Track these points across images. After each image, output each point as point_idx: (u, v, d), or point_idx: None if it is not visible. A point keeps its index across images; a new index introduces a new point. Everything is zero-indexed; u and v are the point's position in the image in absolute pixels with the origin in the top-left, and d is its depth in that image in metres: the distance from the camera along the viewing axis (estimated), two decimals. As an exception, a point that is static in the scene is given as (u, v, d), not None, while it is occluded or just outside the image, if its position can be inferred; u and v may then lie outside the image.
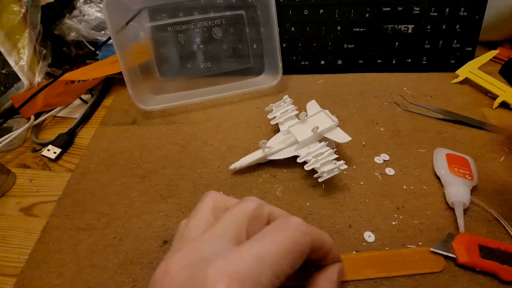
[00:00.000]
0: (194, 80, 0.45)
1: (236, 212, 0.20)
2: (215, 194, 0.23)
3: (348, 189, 0.33)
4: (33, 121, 0.42)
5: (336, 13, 0.47)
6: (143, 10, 0.42)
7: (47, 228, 0.31)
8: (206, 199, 0.22)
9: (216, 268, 0.17)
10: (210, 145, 0.39)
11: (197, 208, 0.22)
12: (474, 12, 0.46)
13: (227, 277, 0.16)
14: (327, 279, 0.22)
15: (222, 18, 0.44)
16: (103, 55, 0.51)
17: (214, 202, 0.22)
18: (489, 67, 0.49)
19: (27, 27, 0.45)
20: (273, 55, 0.44)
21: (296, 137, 0.34)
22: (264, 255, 0.18)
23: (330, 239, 0.22)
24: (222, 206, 0.22)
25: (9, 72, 0.44)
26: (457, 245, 0.27)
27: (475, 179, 0.32)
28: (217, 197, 0.23)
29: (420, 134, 0.39)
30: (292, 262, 0.19)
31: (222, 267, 0.17)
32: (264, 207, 0.21)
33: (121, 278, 0.27)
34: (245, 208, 0.21)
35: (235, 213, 0.20)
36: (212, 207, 0.22)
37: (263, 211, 0.21)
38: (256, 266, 0.17)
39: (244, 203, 0.21)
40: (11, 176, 0.36)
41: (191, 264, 0.18)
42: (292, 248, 0.19)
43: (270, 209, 0.22)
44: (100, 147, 0.39)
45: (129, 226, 0.31)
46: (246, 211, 0.20)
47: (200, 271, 0.17)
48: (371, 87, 0.46)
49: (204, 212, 0.22)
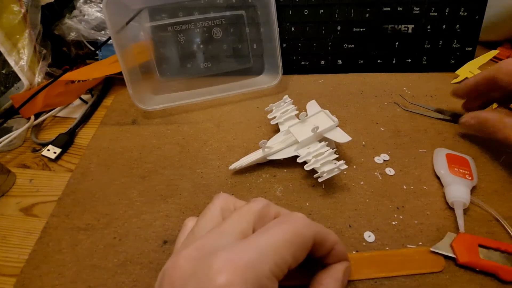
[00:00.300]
0: (194, 80, 0.45)
1: (243, 211, 0.21)
2: (225, 196, 0.24)
3: (348, 189, 0.33)
4: (33, 121, 0.42)
5: (336, 13, 0.47)
6: (143, 10, 0.42)
7: (47, 228, 0.31)
8: (216, 200, 0.23)
9: (219, 258, 0.17)
10: (210, 145, 0.39)
11: (207, 208, 0.23)
12: (474, 12, 0.46)
13: (229, 266, 0.17)
14: (332, 277, 0.22)
15: (222, 18, 0.44)
16: (103, 55, 0.51)
17: (223, 203, 0.23)
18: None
19: (27, 27, 0.45)
20: (273, 55, 0.44)
21: (296, 137, 0.34)
22: (266, 246, 0.18)
23: (335, 236, 0.22)
24: (230, 207, 0.23)
25: (9, 72, 0.44)
26: (457, 245, 0.27)
27: (475, 179, 0.32)
28: (226, 199, 0.23)
29: (420, 134, 0.39)
30: (294, 253, 0.19)
31: (225, 258, 0.17)
32: (270, 207, 0.22)
33: (121, 278, 0.27)
34: (252, 207, 0.21)
35: (242, 212, 0.21)
36: (221, 208, 0.23)
37: (270, 211, 0.22)
38: (258, 257, 0.18)
39: (251, 203, 0.22)
40: (11, 176, 0.36)
41: (198, 257, 0.18)
42: (294, 239, 0.19)
43: (277, 209, 0.22)
44: (100, 147, 0.39)
45: (129, 226, 0.31)
46: (253, 211, 0.21)
47: (205, 262, 0.18)
48: (371, 87, 0.46)
49: (213, 212, 0.22)
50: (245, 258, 0.17)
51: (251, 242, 0.19)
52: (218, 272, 0.17)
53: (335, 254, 0.22)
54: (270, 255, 0.18)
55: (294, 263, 0.19)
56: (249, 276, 0.17)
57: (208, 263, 0.17)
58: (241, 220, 0.20)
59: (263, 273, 0.17)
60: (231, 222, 0.20)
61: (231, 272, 0.17)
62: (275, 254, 0.18)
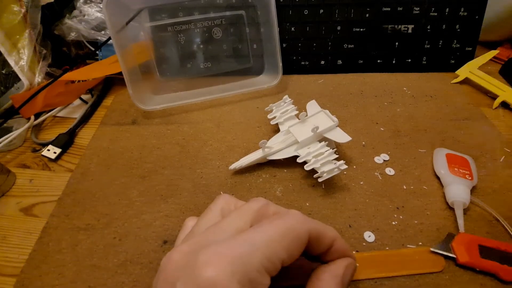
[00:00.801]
0: (194, 80, 0.45)
1: (242, 210, 0.21)
2: (226, 197, 0.24)
3: (348, 189, 0.33)
4: (33, 121, 0.42)
5: (336, 13, 0.47)
6: (143, 10, 0.42)
7: (47, 228, 0.31)
8: (217, 200, 0.23)
9: (208, 252, 0.17)
10: (210, 145, 0.39)
11: (207, 208, 0.23)
12: (474, 12, 0.46)
13: (217, 259, 0.17)
14: (331, 273, 0.21)
15: (222, 18, 0.44)
16: (103, 55, 0.51)
17: (224, 204, 0.23)
18: (489, 67, 0.49)
19: (27, 27, 0.45)
20: (273, 55, 0.44)
21: (296, 137, 0.34)
22: (257, 240, 0.18)
23: (334, 231, 0.21)
24: (231, 207, 0.23)
25: (9, 72, 0.44)
26: (457, 245, 0.27)
27: (475, 179, 0.32)
28: (227, 200, 0.23)
29: (420, 134, 0.39)
30: (287, 248, 0.19)
31: (214, 251, 0.17)
32: (269, 206, 0.22)
33: (121, 278, 0.27)
34: (250, 206, 0.21)
35: (240, 211, 0.21)
36: (222, 208, 0.23)
37: (268, 210, 0.21)
38: (248, 250, 0.18)
39: (250, 202, 0.22)
40: (11, 176, 0.36)
41: (190, 251, 0.18)
42: (287, 234, 0.19)
43: (276, 208, 0.22)
44: (100, 147, 0.39)
45: (129, 226, 0.31)
46: (251, 209, 0.21)
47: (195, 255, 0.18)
48: (371, 87, 0.46)
49: (213, 212, 0.22)
50: (234, 251, 0.17)
51: (243, 237, 0.18)
52: (205, 264, 0.17)
53: (335, 251, 0.21)
54: (261, 248, 0.18)
55: (288, 258, 0.19)
56: (238, 269, 0.17)
57: (197, 256, 0.17)
58: (238, 218, 0.20)
59: (253, 266, 0.17)
60: (228, 220, 0.20)
61: (218, 265, 0.17)
62: (266, 248, 0.18)
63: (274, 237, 0.18)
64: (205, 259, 0.17)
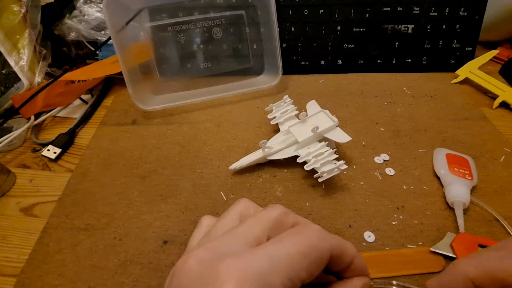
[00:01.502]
0: (194, 80, 0.45)
1: (259, 217, 0.20)
2: (246, 201, 0.23)
3: (348, 189, 0.33)
4: (33, 121, 0.42)
5: (336, 13, 0.47)
6: (143, 10, 0.42)
7: (47, 228, 0.31)
8: (237, 204, 0.23)
9: (228, 264, 0.17)
10: (210, 145, 0.39)
11: (226, 211, 0.23)
12: (474, 12, 0.46)
13: (237, 274, 0.16)
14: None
15: (222, 18, 0.44)
16: (103, 55, 0.51)
17: (243, 208, 0.22)
18: (489, 67, 0.49)
19: (27, 27, 0.45)
20: (273, 55, 0.44)
21: (296, 137, 0.34)
22: (278, 257, 0.17)
23: (354, 249, 0.21)
24: (250, 212, 0.22)
25: (9, 72, 0.44)
26: (457, 245, 0.27)
27: (475, 179, 0.32)
28: (247, 204, 0.23)
29: (420, 134, 0.39)
30: (308, 267, 0.18)
31: (234, 264, 0.17)
32: (289, 215, 0.21)
33: (121, 278, 0.27)
34: (268, 214, 0.21)
35: (258, 218, 0.20)
36: (240, 212, 0.22)
37: (287, 219, 0.21)
38: (269, 267, 0.17)
39: (268, 209, 0.21)
40: (11, 176, 0.36)
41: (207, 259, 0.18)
42: (308, 252, 0.18)
43: (296, 218, 0.21)
44: (100, 147, 0.39)
45: (129, 226, 0.31)
46: (269, 217, 0.20)
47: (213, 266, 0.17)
48: (371, 87, 0.46)
49: (232, 215, 0.22)
50: (255, 267, 0.17)
51: (263, 251, 0.18)
52: (225, 280, 0.16)
53: (354, 269, 0.21)
54: (281, 266, 0.17)
55: (308, 278, 0.18)
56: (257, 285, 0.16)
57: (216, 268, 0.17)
58: (256, 226, 0.20)
59: (272, 284, 0.16)
60: (245, 227, 0.20)
61: (239, 281, 0.16)
62: (288, 266, 0.17)
63: (295, 255, 0.18)
64: (225, 273, 0.16)
